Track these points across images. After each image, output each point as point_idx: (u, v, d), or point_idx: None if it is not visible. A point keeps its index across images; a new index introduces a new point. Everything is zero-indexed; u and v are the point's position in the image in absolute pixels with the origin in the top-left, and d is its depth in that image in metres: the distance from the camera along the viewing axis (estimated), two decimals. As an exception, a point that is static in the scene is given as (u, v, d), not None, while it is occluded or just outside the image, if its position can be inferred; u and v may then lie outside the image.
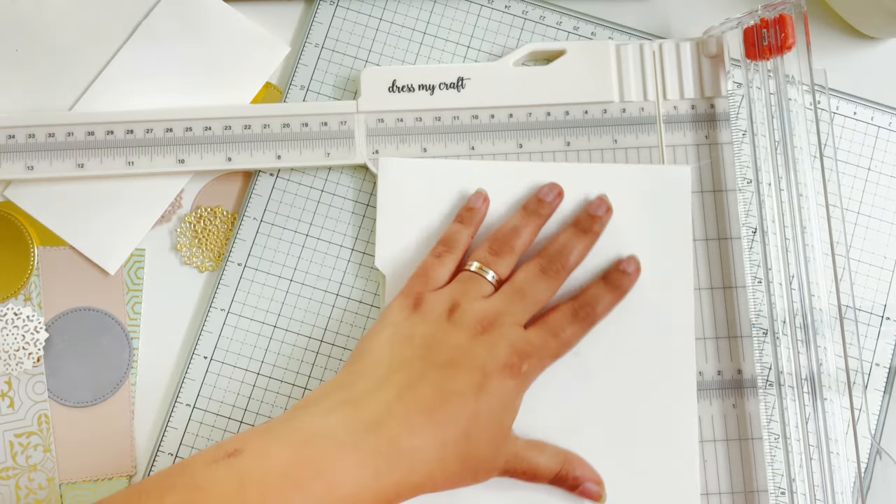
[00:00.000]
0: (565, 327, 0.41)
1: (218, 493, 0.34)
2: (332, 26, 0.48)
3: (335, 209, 0.46)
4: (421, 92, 0.46)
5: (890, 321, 0.46)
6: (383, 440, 0.36)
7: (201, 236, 0.46)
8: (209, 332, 0.45)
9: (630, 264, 0.43)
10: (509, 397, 0.39)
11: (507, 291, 0.41)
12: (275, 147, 0.45)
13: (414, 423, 0.37)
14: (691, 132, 0.46)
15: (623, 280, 0.42)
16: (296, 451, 0.35)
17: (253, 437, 0.36)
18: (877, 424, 0.45)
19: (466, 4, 0.48)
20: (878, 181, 0.47)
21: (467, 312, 0.40)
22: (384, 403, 0.37)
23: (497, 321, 0.40)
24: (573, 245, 0.42)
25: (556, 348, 0.40)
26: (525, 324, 0.41)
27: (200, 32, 0.47)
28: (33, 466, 0.44)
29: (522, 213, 0.43)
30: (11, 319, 0.44)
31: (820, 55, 0.49)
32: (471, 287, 0.41)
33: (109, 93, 0.46)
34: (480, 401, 0.38)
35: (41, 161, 0.44)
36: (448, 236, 0.43)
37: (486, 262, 0.42)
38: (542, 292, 0.41)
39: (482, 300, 0.40)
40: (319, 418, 0.37)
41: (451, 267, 0.42)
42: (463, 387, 0.38)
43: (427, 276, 0.42)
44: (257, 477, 0.34)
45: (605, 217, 0.43)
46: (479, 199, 0.44)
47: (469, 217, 0.43)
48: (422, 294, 0.41)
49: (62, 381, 0.44)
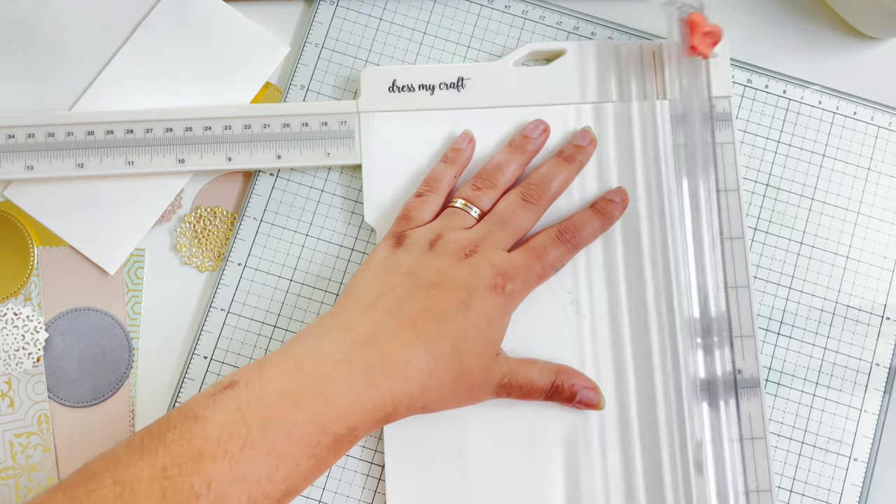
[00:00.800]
0: (549, 250, 0.42)
1: (217, 420, 0.35)
2: (332, 26, 0.48)
3: (335, 209, 0.46)
4: (421, 92, 0.46)
5: (890, 321, 0.46)
6: (376, 353, 0.37)
7: (201, 236, 0.46)
8: (209, 332, 0.45)
9: (618, 194, 0.44)
10: (496, 314, 0.40)
11: (489, 220, 0.42)
12: (275, 147, 0.45)
13: (403, 337, 0.38)
14: (691, 132, 0.46)
15: (609, 207, 0.43)
16: (291, 373, 0.36)
17: (248, 369, 0.37)
18: (877, 424, 0.45)
19: (466, 4, 0.48)
20: (878, 181, 0.47)
21: (450, 241, 0.41)
22: (374, 322, 0.38)
23: (479, 247, 0.40)
24: (555, 173, 0.43)
25: (541, 270, 0.41)
26: (508, 249, 0.41)
27: (200, 32, 0.47)
28: (33, 466, 0.44)
29: (508, 150, 0.44)
30: (11, 319, 0.44)
31: (820, 55, 0.49)
32: (454, 220, 0.42)
33: (109, 92, 0.46)
34: (467, 316, 0.39)
35: (41, 161, 0.44)
36: (431, 176, 0.44)
37: (470, 198, 0.43)
38: (523, 220, 0.42)
39: (464, 230, 0.41)
40: (312, 343, 0.38)
41: (435, 207, 0.43)
42: (449, 304, 0.39)
43: (409, 217, 0.43)
44: (255, 401, 0.35)
45: (588, 148, 0.44)
46: (465, 140, 0.44)
47: (454, 157, 0.44)
48: (405, 232, 0.42)
49: (62, 381, 0.44)
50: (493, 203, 0.43)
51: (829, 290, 0.46)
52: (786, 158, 0.47)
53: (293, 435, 0.35)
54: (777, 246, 0.46)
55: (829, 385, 0.45)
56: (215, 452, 0.34)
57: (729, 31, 0.48)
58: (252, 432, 0.34)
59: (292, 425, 0.35)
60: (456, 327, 0.38)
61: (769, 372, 0.45)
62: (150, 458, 0.33)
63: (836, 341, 0.46)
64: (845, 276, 0.46)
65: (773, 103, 0.48)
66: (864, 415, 0.45)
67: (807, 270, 0.46)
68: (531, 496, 0.42)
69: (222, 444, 0.34)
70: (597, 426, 0.43)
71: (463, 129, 0.45)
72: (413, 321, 0.38)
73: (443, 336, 0.38)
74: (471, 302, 0.39)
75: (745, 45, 0.48)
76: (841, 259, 0.46)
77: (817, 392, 0.45)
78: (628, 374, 0.43)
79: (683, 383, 0.43)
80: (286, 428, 0.35)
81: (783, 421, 0.45)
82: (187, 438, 0.34)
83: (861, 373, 0.45)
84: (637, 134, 0.45)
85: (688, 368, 0.43)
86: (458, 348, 0.38)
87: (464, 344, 0.38)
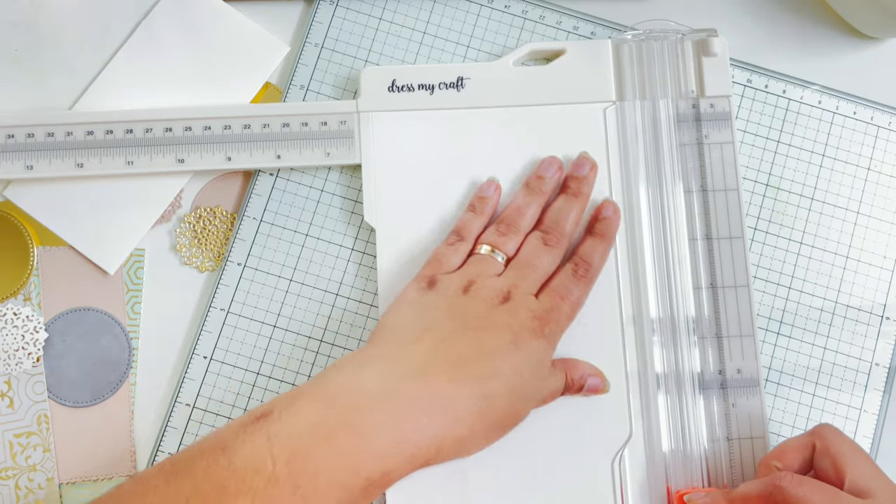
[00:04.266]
0: (571, 289, 0.42)
1: (246, 451, 0.33)
2: (332, 26, 0.48)
3: (335, 209, 0.46)
4: (421, 91, 0.46)
5: (890, 321, 0.46)
6: (422, 388, 0.35)
7: (201, 236, 0.46)
8: (209, 331, 0.45)
9: (607, 208, 0.44)
10: (541, 354, 0.39)
11: (516, 267, 0.42)
12: (274, 147, 0.45)
13: (454, 374, 0.36)
14: (691, 132, 0.46)
15: (607, 227, 0.44)
16: (325, 405, 0.35)
17: (281, 399, 0.36)
18: (876, 424, 0.45)
19: (466, 4, 0.48)
20: (877, 181, 0.47)
21: (483, 288, 0.40)
22: (422, 354, 0.36)
23: (512, 293, 0.40)
24: (567, 212, 0.43)
25: (569, 310, 0.42)
26: (535, 293, 0.42)
27: (200, 32, 0.47)
28: (33, 466, 0.44)
29: (525, 192, 0.44)
30: (11, 319, 0.44)
31: (820, 55, 0.49)
32: (483, 267, 0.42)
33: (109, 92, 0.46)
34: (519, 356, 0.38)
35: (40, 161, 0.44)
36: (460, 226, 0.44)
37: (495, 243, 0.42)
38: (548, 264, 0.42)
39: (495, 277, 0.41)
40: (350, 374, 0.36)
41: (464, 254, 0.43)
42: (499, 343, 0.38)
43: (440, 262, 0.42)
44: (285, 434, 0.34)
45: (590, 175, 0.44)
46: (490, 188, 0.44)
47: (481, 206, 0.44)
48: (436, 276, 0.42)
49: (62, 381, 0.44)
50: (517, 247, 0.43)
51: (828, 289, 0.46)
52: (786, 158, 0.47)
53: (321, 474, 0.33)
54: (777, 246, 0.46)
55: (829, 385, 0.45)
56: (239, 488, 0.32)
57: (729, 31, 0.48)
58: (278, 468, 0.33)
59: (321, 462, 0.33)
60: (509, 367, 0.38)
61: (769, 372, 0.45)
62: (176, 486, 0.33)
63: (835, 341, 0.46)
64: (845, 276, 0.46)
65: (772, 103, 0.48)
66: (864, 415, 0.45)
67: (807, 270, 0.46)
68: (531, 496, 0.42)
69: (247, 479, 0.32)
70: (597, 425, 0.43)
71: (488, 177, 0.45)
72: (464, 358, 0.37)
73: (495, 376, 0.37)
74: (519, 343, 0.38)
75: (745, 45, 0.48)
76: (841, 259, 0.46)
77: (817, 392, 0.45)
78: (628, 374, 0.43)
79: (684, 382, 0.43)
80: (314, 465, 0.33)
81: (783, 421, 0.45)
82: (214, 469, 0.33)
83: (861, 373, 0.45)
84: (637, 133, 0.45)
85: (687, 367, 0.43)
86: (511, 389, 0.37)
87: (517, 385, 0.38)
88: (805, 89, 0.48)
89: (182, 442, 0.44)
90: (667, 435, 0.43)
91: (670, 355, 0.43)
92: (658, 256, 0.44)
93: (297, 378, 0.44)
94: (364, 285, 0.45)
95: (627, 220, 0.45)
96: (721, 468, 0.43)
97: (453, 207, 0.45)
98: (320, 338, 0.45)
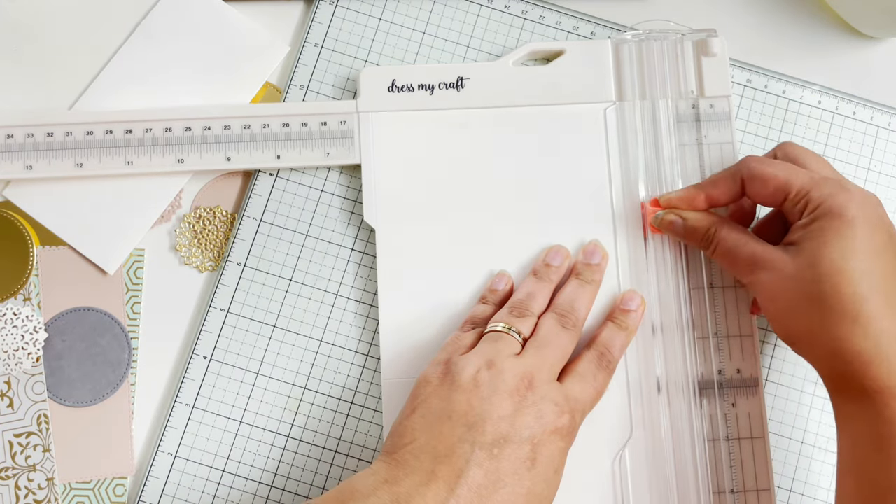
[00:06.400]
0: (596, 375, 0.41)
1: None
2: (332, 26, 0.48)
3: (335, 209, 0.46)
4: (420, 92, 0.46)
5: (890, 321, 0.46)
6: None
7: (201, 236, 0.46)
8: (209, 331, 0.45)
9: (633, 300, 0.44)
10: (560, 460, 0.38)
11: (537, 346, 0.40)
12: (274, 147, 0.45)
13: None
14: (691, 132, 0.46)
15: (631, 321, 0.43)
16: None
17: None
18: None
19: (466, 4, 0.48)
20: (877, 181, 0.47)
21: (505, 373, 0.38)
22: (435, 501, 0.36)
23: (535, 378, 0.39)
24: (580, 297, 0.43)
25: (594, 397, 0.41)
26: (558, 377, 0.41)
27: (200, 32, 0.47)
28: (32, 466, 0.44)
29: (534, 279, 0.44)
30: (10, 319, 0.44)
31: (820, 55, 0.49)
32: (502, 345, 0.40)
33: (108, 92, 0.46)
34: (535, 475, 0.37)
35: (40, 160, 0.44)
36: (473, 315, 0.43)
37: (511, 323, 0.41)
38: (566, 344, 0.41)
39: (515, 358, 0.40)
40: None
41: (478, 336, 0.42)
42: (515, 464, 0.37)
43: (455, 344, 0.41)
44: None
45: (602, 263, 0.44)
46: (502, 281, 0.44)
47: (493, 297, 0.44)
48: (451, 358, 0.40)
49: (61, 381, 0.44)
50: (531, 329, 0.42)
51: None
52: (785, 158, 0.47)
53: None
54: (777, 246, 0.46)
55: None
56: None
57: (728, 31, 0.48)
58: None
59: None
60: (524, 490, 0.37)
61: (769, 372, 0.45)
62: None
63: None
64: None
65: (772, 103, 0.48)
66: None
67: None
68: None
69: None
70: (598, 424, 0.43)
71: (499, 270, 0.45)
72: (479, 494, 0.36)
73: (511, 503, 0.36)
74: (537, 457, 0.37)
75: (744, 45, 0.48)
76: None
77: (817, 392, 0.45)
78: (628, 376, 0.43)
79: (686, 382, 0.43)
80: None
81: (783, 421, 0.45)
82: None
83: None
84: (637, 133, 0.45)
85: (687, 368, 0.43)
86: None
87: (533, 500, 0.37)
88: (805, 89, 0.48)
89: (181, 442, 0.44)
90: (667, 435, 0.43)
91: (671, 355, 0.43)
92: (658, 256, 0.44)
93: (297, 378, 0.44)
94: (364, 285, 0.45)
95: (627, 219, 0.45)
96: (721, 468, 0.43)
97: (453, 207, 0.45)
98: (320, 338, 0.45)
